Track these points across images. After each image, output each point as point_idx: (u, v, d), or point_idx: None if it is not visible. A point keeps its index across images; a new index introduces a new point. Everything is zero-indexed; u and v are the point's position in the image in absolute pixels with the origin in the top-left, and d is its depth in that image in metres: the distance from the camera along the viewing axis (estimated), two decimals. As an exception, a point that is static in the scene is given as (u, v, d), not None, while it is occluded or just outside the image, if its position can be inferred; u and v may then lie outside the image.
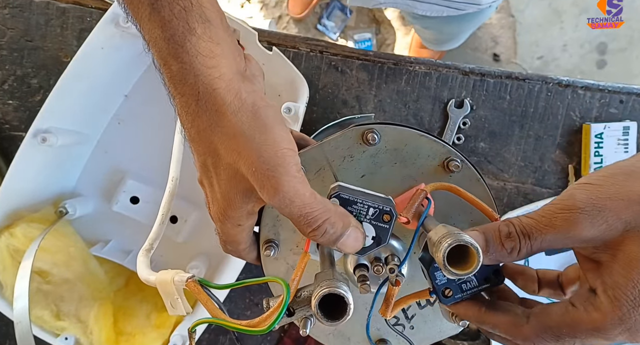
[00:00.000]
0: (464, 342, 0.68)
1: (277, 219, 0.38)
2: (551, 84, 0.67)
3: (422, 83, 0.68)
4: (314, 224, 0.30)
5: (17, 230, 0.59)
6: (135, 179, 0.66)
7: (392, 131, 0.37)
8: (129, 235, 0.67)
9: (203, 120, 0.31)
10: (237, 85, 0.31)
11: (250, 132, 0.30)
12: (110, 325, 0.61)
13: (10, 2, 0.68)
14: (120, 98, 0.66)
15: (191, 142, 0.32)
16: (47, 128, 0.59)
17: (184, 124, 0.32)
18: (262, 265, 0.40)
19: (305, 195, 0.30)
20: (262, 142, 0.30)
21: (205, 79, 0.30)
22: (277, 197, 0.29)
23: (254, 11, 1.62)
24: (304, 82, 0.61)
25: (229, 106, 0.30)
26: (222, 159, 0.31)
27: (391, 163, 0.38)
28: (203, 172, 0.33)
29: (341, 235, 0.31)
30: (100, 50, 0.59)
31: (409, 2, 0.77)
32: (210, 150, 0.31)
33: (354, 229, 0.32)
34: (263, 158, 0.30)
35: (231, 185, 0.31)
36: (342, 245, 0.32)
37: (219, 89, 0.30)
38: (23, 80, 0.69)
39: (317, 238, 0.31)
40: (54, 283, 0.60)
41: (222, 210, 0.33)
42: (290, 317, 0.30)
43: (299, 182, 0.30)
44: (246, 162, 0.30)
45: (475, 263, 0.28)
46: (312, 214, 0.30)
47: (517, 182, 0.69)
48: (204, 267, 0.65)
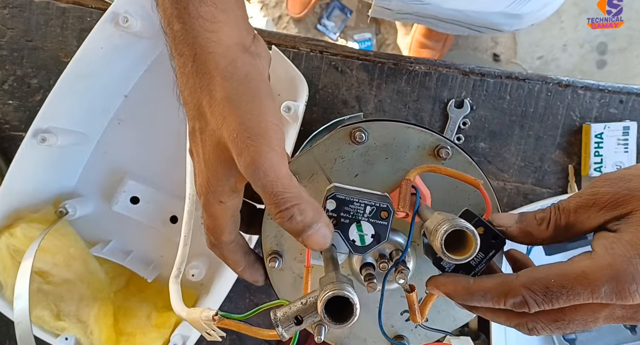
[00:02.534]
0: (464, 342, 0.68)
1: (279, 230, 0.38)
2: (551, 84, 0.67)
3: (422, 83, 0.68)
4: (283, 205, 0.29)
5: (17, 230, 0.58)
6: (135, 179, 0.66)
7: (379, 127, 0.37)
8: (129, 235, 0.67)
9: (196, 81, 0.31)
10: (235, 54, 0.31)
11: (238, 98, 0.30)
12: (111, 326, 0.61)
13: (10, 2, 0.68)
14: (120, 98, 0.66)
15: (184, 105, 0.33)
16: (47, 128, 0.59)
17: (179, 85, 0.33)
18: (269, 277, 0.39)
19: (281, 172, 0.29)
20: (248, 110, 0.30)
21: (202, 41, 0.31)
22: (252, 167, 0.29)
23: (253, 11, 1.62)
24: (304, 81, 0.61)
25: (222, 71, 0.31)
26: (209, 123, 0.31)
27: (382, 158, 0.38)
28: (192, 138, 0.33)
29: (308, 227, 0.30)
30: (100, 50, 0.59)
31: (431, 20, 0.76)
32: (199, 113, 0.32)
33: (323, 226, 0.31)
34: (245, 126, 0.29)
35: (215, 153, 0.31)
36: (307, 238, 0.30)
37: (214, 53, 0.31)
38: (23, 80, 0.69)
39: (283, 222, 0.30)
40: (54, 283, 0.60)
41: (206, 181, 0.32)
42: (299, 325, 0.30)
43: (277, 156, 0.29)
44: (228, 128, 0.30)
45: (473, 247, 0.28)
46: (283, 194, 0.29)
47: (517, 182, 0.69)
48: (204, 268, 0.65)
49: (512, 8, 0.68)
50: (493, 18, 0.72)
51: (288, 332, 0.30)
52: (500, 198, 0.69)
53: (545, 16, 0.76)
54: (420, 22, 0.81)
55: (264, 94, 0.31)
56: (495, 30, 0.77)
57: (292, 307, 0.30)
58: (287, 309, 0.30)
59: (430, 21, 0.77)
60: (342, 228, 0.33)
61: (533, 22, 0.77)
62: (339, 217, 0.32)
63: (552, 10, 0.76)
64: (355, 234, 0.33)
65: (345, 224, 0.33)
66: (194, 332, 0.60)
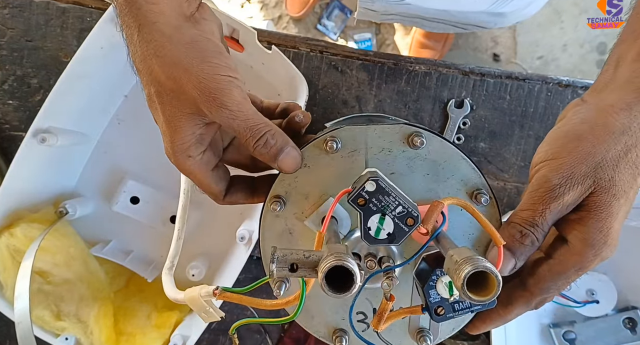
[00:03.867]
0: (463, 342, 0.68)
1: (295, 179, 0.38)
2: (551, 84, 0.67)
3: (422, 83, 0.68)
4: (258, 134, 0.33)
5: (17, 230, 0.59)
6: (135, 179, 0.66)
7: (438, 144, 0.37)
8: (129, 235, 0.67)
9: (144, 49, 0.33)
10: (178, 22, 0.33)
11: (188, 60, 0.32)
12: (111, 326, 0.61)
13: (10, 2, 0.68)
14: (120, 98, 0.66)
15: (138, 74, 0.34)
16: (46, 128, 0.59)
17: (131, 55, 0.34)
18: (262, 217, 0.39)
19: (248, 111, 0.33)
20: (203, 68, 0.32)
21: (146, 13, 0.33)
22: (224, 113, 0.32)
23: (253, 11, 1.62)
24: (304, 81, 0.61)
25: (168, 38, 0.33)
26: (164, 85, 0.33)
27: (424, 172, 0.37)
28: (150, 104, 0.35)
29: (281, 150, 0.34)
30: (100, 50, 0.59)
31: (417, 20, 0.77)
32: (152, 78, 0.33)
33: (292, 148, 0.35)
34: (206, 81, 0.32)
35: (174, 110, 0.34)
36: (281, 162, 0.34)
37: (158, 23, 0.33)
38: (23, 80, 0.69)
39: (259, 149, 0.34)
40: (54, 283, 0.60)
41: (170, 140, 0.35)
42: (291, 272, 0.30)
43: (242, 101, 0.33)
44: (190, 86, 0.32)
45: (495, 289, 0.28)
46: (256, 126, 0.33)
47: (517, 182, 0.69)
48: (204, 267, 0.65)
49: (495, 7, 0.68)
50: (477, 17, 0.72)
51: (278, 273, 0.30)
52: (500, 198, 0.69)
53: (531, 14, 0.76)
54: (405, 22, 0.81)
55: (213, 54, 0.33)
56: (481, 28, 0.78)
57: (294, 254, 0.30)
58: (288, 253, 0.30)
59: (415, 21, 0.78)
60: (365, 212, 0.33)
61: (518, 20, 0.77)
62: (369, 201, 0.32)
63: (537, 8, 0.76)
64: (375, 224, 0.33)
65: (371, 210, 0.33)
66: (194, 332, 0.60)
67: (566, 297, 0.61)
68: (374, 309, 0.39)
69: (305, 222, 0.38)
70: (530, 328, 0.68)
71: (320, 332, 0.40)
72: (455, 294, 0.33)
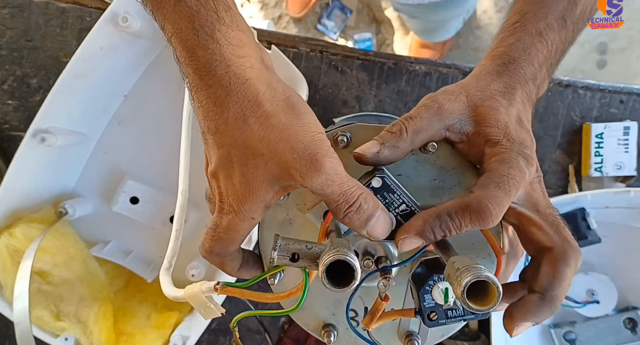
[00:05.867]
0: (463, 342, 0.68)
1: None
2: (551, 84, 0.67)
3: (422, 83, 0.67)
4: (352, 199, 0.30)
5: (17, 231, 0.58)
6: (135, 179, 0.66)
7: (450, 153, 0.37)
8: (129, 235, 0.67)
9: (233, 111, 0.30)
10: (266, 75, 0.31)
11: (287, 119, 0.30)
12: (110, 326, 0.61)
13: (10, 2, 0.68)
14: (119, 98, 0.66)
15: (214, 134, 0.31)
16: (46, 128, 0.59)
17: (209, 116, 0.31)
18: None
19: (342, 174, 0.31)
20: (300, 128, 0.30)
21: (237, 69, 0.30)
22: (321, 178, 0.29)
23: (253, 11, 1.62)
24: (303, 81, 0.61)
25: (264, 95, 0.30)
26: (253, 148, 0.30)
27: (431, 177, 0.37)
28: (223, 163, 0.32)
29: (372, 215, 0.31)
30: (99, 50, 0.59)
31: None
32: (238, 141, 0.30)
33: (383, 212, 0.32)
34: (303, 144, 0.29)
35: (257, 174, 0.31)
36: (372, 228, 0.31)
37: (251, 79, 0.30)
38: (23, 80, 0.69)
39: (351, 215, 0.31)
40: (53, 283, 0.60)
41: (240, 200, 0.31)
42: (292, 261, 0.30)
43: (337, 163, 0.30)
44: (285, 149, 0.29)
45: (495, 300, 0.28)
46: (350, 191, 0.30)
47: (518, 182, 0.69)
48: (204, 268, 0.65)
49: None
50: None
51: (279, 261, 0.30)
52: (500, 198, 0.69)
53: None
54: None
55: (304, 108, 0.31)
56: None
57: (296, 244, 0.30)
58: (291, 242, 0.30)
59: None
60: None
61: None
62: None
63: None
64: None
65: None
66: (193, 333, 0.60)
67: (566, 297, 0.61)
68: (365, 308, 0.39)
69: (307, 214, 0.38)
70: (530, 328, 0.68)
71: (310, 325, 0.40)
72: (450, 301, 0.32)
